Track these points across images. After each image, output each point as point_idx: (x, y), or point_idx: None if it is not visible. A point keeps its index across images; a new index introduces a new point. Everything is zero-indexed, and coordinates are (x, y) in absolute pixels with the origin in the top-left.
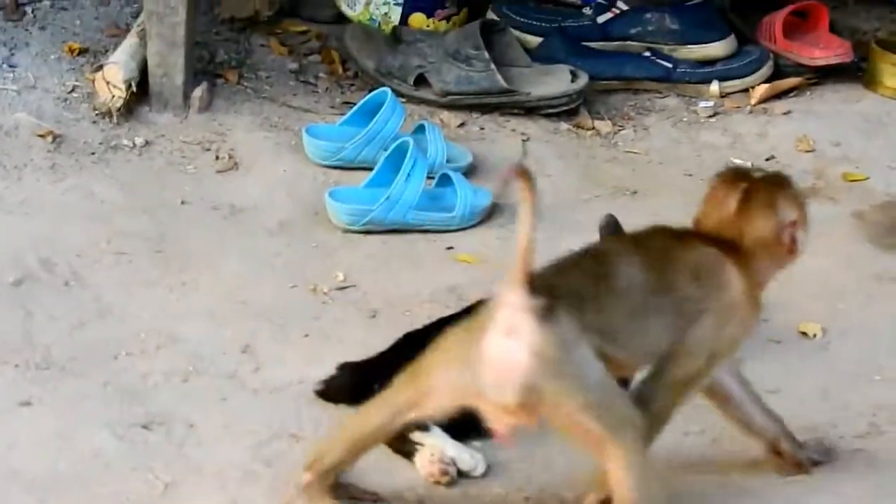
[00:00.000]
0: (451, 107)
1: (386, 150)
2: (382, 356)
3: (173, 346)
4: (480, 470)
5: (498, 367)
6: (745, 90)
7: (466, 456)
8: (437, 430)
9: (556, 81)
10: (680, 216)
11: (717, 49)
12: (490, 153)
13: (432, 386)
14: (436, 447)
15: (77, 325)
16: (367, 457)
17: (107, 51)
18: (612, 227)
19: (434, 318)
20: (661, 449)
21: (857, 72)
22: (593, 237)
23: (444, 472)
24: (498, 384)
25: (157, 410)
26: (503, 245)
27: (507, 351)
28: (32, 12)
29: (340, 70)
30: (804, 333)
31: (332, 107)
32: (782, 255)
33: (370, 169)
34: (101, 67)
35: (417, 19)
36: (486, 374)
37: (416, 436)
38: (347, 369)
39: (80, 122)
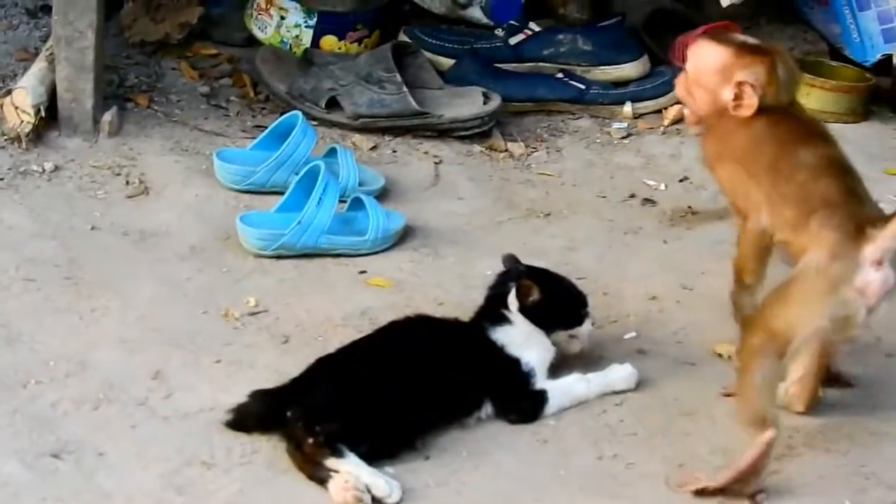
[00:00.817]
0: (363, 130)
1: (297, 174)
2: (294, 382)
3: (83, 373)
4: (396, 497)
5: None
6: (659, 111)
7: (381, 482)
8: (352, 457)
9: (469, 103)
10: (594, 237)
11: (629, 70)
12: (403, 176)
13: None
14: (350, 473)
15: None
16: (279, 482)
17: (15, 75)
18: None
19: (346, 343)
20: (574, 472)
21: None
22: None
23: (359, 500)
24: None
25: (67, 439)
26: (416, 268)
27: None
28: None
29: (252, 93)
30: (719, 354)
31: (244, 130)
32: None
33: (282, 193)
34: (9, 92)
35: (329, 42)
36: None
37: (331, 462)
38: (258, 396)
39: None
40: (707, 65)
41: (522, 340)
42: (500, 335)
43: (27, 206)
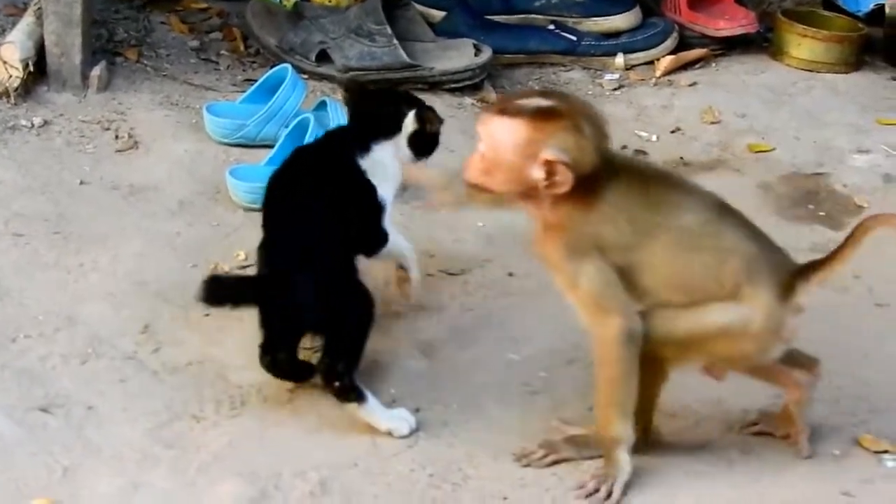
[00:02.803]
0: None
1: (287, 127)
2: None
3: (72, 328)
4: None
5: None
6: (650, 62)
7: (400, 425)
8: (372, 401)
9: (460, 56)
10: None
11: (621, 21)
12: None
13: None
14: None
15: None
16: (268, 435)
17: (3, 30)
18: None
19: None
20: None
21: (763, 43)
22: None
23: None
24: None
25: (56, 393)
26: (407, 221)
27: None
28: None
29: (242, 47)
30: None
31: (234, 84)
32: None
33: (271, 146)
34: None
35: None
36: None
37: (352, 409)
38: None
39: None
40: (505, 144)
41: (382, 171)
42: (366, 163)
43: (16, 160)
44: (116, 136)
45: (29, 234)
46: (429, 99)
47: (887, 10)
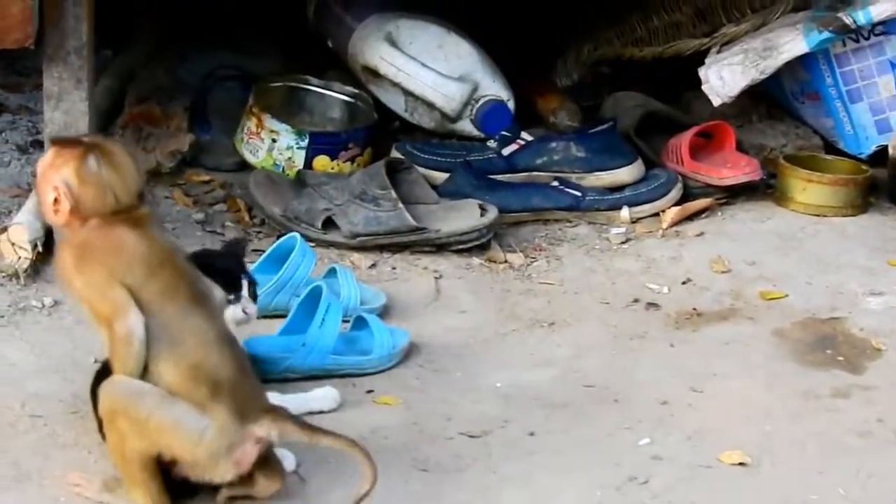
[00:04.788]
0: (360, 248)
1: (298, 295)
2: None
3: None
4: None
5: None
6: (656, 214)
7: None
8: None
9: (466, 216)
10: (599, 344)
11: (624, 174)
12: (403, 292)
13: None
14: None
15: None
16: None
17: (10, 212)
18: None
19: None
20: None
21: (767, 189)
22: (515, 372)
23: None
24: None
25: None
26: (422, 385)
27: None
28: None
29: (247, 218)
30: (732, 460)
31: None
32: None
33: (284, 316)
34: (5, 229)
35: (321, 162)
36: None
37: None
38: None
39: None
40: (40, 168)
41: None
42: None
43: (28, 341)
44: None
45: (46, 414)
46: (436, 261)
47: (890, 151)
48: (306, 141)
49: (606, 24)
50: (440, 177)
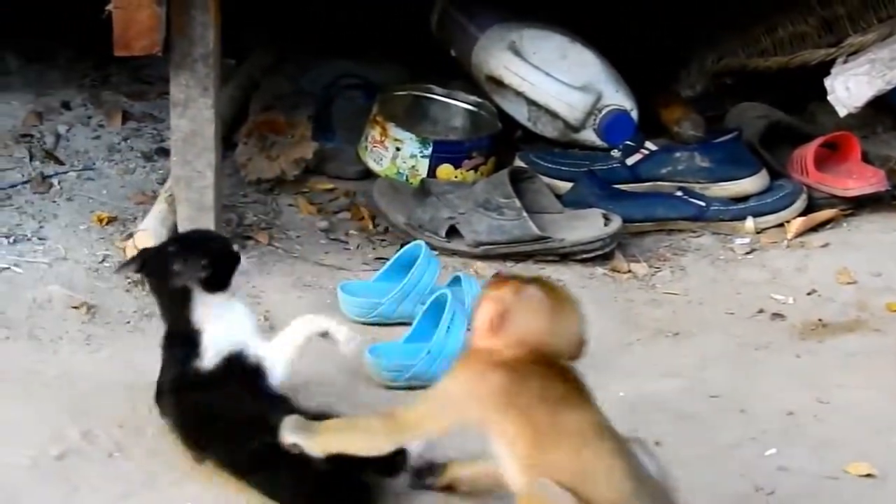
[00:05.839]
0: (484, 257)
1: (423, 303)
2: None
3: None
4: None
5: None
6: (781, 225)
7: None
8: None
9: (589, 226)
10: (724, 354)
11: (749, 185)
12: None
13: None
14: None
15: (122, 497)
16: None
17: (135, 218)
18: None
19: None
20: None
21: (892, 200)
22: (639, 381)
23: None
24: None
25: None
26: None
27: None
28: (59, 184)
29: (371, 226)
30: (859, 471)
31: (365, 263)
32: None
33: (408, 324)
34: (131, 235)
35: (445, 171)
36: None
37: None
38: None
39: (113, 292)
40: (482, 291)
41: None
42: None
43: (155, 347)
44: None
45: None
46: (559, 270)
47: None
48: (430, 149)
49: (730, 35)
50: (564, 186)
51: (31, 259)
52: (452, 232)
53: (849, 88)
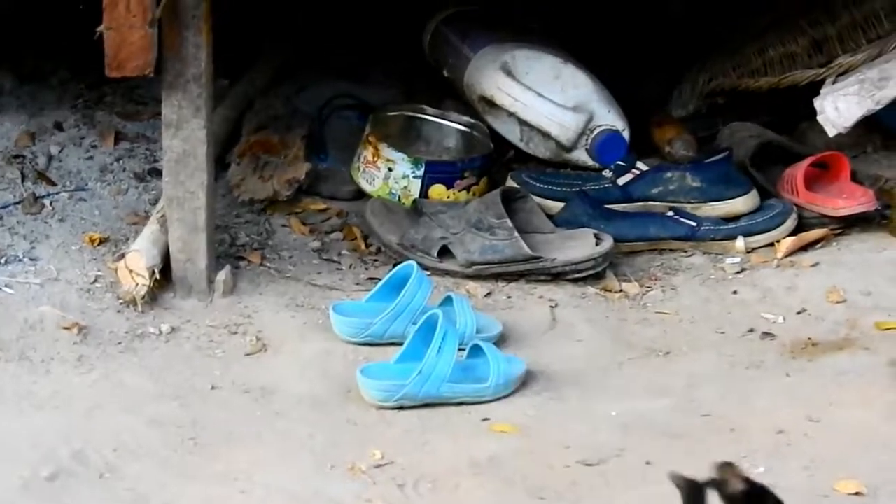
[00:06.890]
0: (476, 277)
1: (415, 323)
2: None
3: None
4: None
5: None
6: (771, 244)
7: None
8: None
9: (581, 246)
10: (715, 373)
11: (740, 204)
12: (519, 321)
13: None
14: None
15: None
16: None
17: (127, 239)
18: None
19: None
20: None
21: (881, 220)
22: (631, 400)
23: None
24: None
25: None
26: (539, 412)
27: None
28: (51, 205)
29: (363, 246)
30: (848, 489)
31: (358, 283)
32: None
33: (400, 344)
34: (123, 256)
35: (437, 191)
36: None
37: None
38: None
39: (105, 312)
40: None
41: None
42: None
43: (146, 367)
44: (246, 340)
45: (165, 440)
46: (551, 290)
47: None
48: (422, 170)
49: (722, 56)
50: (555, 206)
51: (22, 280)
52: (445, 252)
53: (838, 108)
